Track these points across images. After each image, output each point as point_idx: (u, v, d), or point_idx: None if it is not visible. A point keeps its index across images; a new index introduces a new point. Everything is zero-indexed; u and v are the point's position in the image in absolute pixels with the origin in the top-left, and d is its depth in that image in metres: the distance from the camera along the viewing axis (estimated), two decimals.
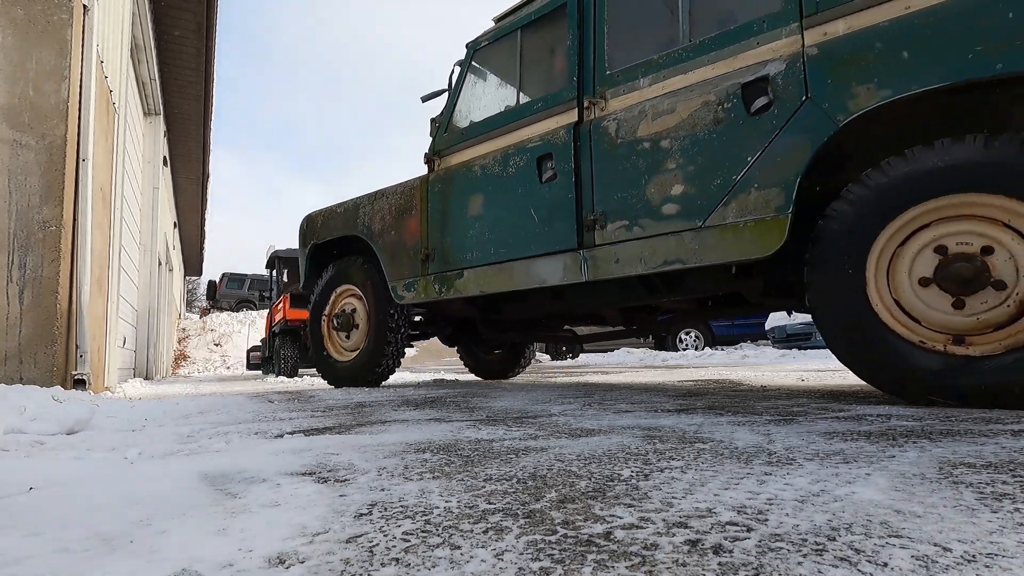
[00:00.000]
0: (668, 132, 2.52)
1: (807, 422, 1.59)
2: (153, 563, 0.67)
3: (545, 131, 2.96)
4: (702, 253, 2.40)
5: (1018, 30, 1.76)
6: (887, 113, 2.04)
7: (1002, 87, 1.90)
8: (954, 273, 1.85)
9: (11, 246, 3.36)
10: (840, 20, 2.14)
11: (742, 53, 2.38)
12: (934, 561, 0.60)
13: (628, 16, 2.82)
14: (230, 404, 2.99)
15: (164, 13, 6.82)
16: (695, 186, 2.43)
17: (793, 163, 2.17)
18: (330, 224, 4.14)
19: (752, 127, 2.30)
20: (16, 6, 3.47)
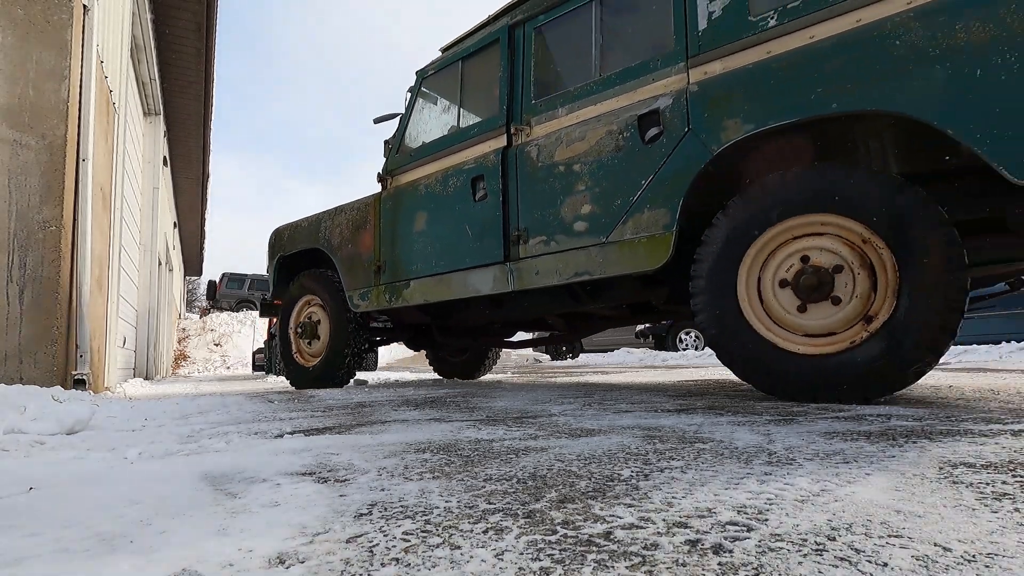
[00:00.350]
0: (579, 157, 2.81)
1: (807, 422, 1.59)
2: (153, 563, 0.67)
3: (479, 155, 3.24)
4: (605, 266, 2.68)
5: (848, 77, 2.08)
6: (757, 142, 2.33)
7: (841, 122, 2.20)
8: (805, 281, 2.14)
9: (11, 246, 3.36)
10: (717, 61, 2.43)
11: (640, 88, 2.65)
12: (934, 561, 0.60)
13: (551, 51, 3.12)
14: (230, 404, 2.99)
15: (164, 13, 6.82)
16: (600, 206, 2.72)
17: (677, 186, 2.46)
18: (295, 237, 4.42)
19: (646, 154, 2.58)
20: (16, 6, 3.47)
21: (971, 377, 3.08)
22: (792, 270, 2.20)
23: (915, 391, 2.44)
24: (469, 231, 3.23)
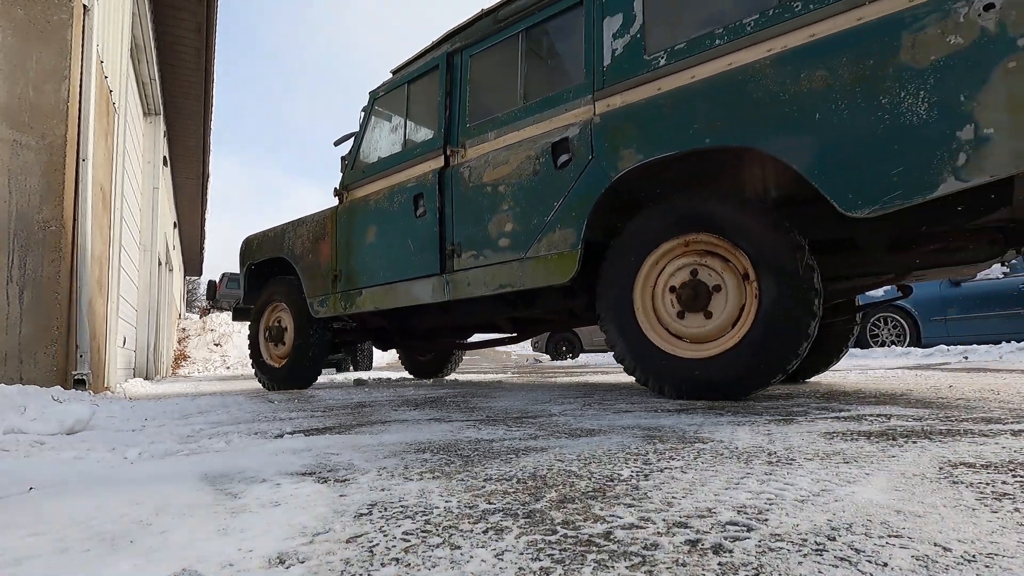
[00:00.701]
0: (504, 179, 3.05)
1: (807, 422, 1.59)
2: (153, 563, 0.68)
3: (420, 174, 3.48)
4: (524, 279, 2.93)
5: (718, 115, 2.34)
6: (650, 169, 2.57)
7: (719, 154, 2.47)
8: (691, 293, 2.42)
9: (11, 246, 3.36)
10: (618, 95, 2.66)
11: (555, 117, 2.88)
12: (934, 561, 0.61)
13: (485, 78, 3.36)
14: (230, 404, 2.99)
15: (164, 13, 6.82)
16: (520, 224, 2.96)
17: (583, 209, 2.69)
18: (263, 247, 4.69)
19: (558, 179, 2.82)
20: (16, 6, 3.47)
21: (971, 377, 3.08)
22: (678, 281, 2.49)
23: (915, 391, 2.44)
24: (411, 245, 3.49)
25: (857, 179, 2.07)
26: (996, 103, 1.88)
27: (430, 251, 3.36)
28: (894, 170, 2.01)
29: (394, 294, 3.58)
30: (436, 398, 2.91)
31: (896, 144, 2.01)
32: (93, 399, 3.30)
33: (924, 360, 5.14)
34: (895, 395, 2.27)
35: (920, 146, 1.98)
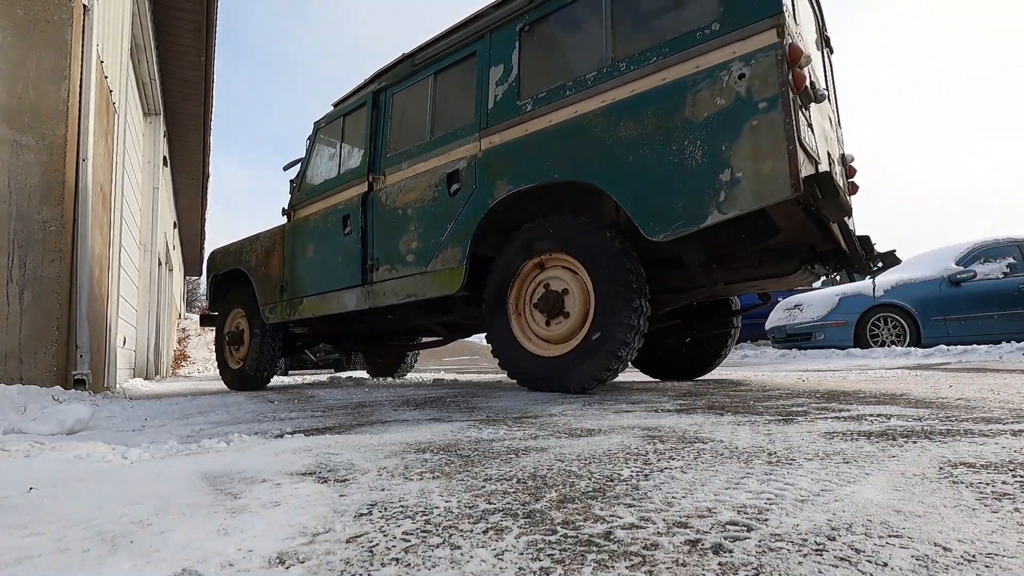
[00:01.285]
0: (411, 203, 3.51)
1: (807, 422, 1.59)
2: (153, 563, 0.68)
3: (349, 197, 3.95)
4: (425, 290, 3.35)
5: (564, 154, 2.79)
6: (520, 198, 3.00)
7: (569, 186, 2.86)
8: (546, 301, 2.84)
9: (11, 246, 3.35)
10: (497, 134, 3.09)
11: (451, 151, 3.33)
12: (934, 561, 0.61)
13: (403, 114, 3.80)
14: (230, 404, 2.99)
15: (164, 13, 6.82)
16: (423, 243, 3.39)
17: (468, 231, 3.12)
18: (225, 260, 5.17)
19: (451, 204, 3.25)
20: (16, 6, 3.47)
21: (971, 377, 3.08)
22: (538, 295, 2.92)
23: (915, 391, 2.44)
24: (341, 260, 3.93)
25: (655, 209, 2.50)
26: (744, 153, 2.30)
27: (355, 265, 3.80)
28: (680, 203, 2.45)
29: (327, 302, 4.01)
30: (436, 398, 2.91)
31: (682, 182, 2.45)
32: (93, 399, 3.30)
33: (924, 360, 5.14)
34: (895, 395, 2.27)
35: (696, 185, 2.41)
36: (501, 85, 3.18)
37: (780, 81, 2.24)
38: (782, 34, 2.27)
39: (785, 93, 2.23)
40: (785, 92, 2.23)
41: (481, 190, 3.09)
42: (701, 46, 2.46)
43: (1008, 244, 6.73)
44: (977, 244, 6.83)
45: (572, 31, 2.96)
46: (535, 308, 2.91)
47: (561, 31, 3.02)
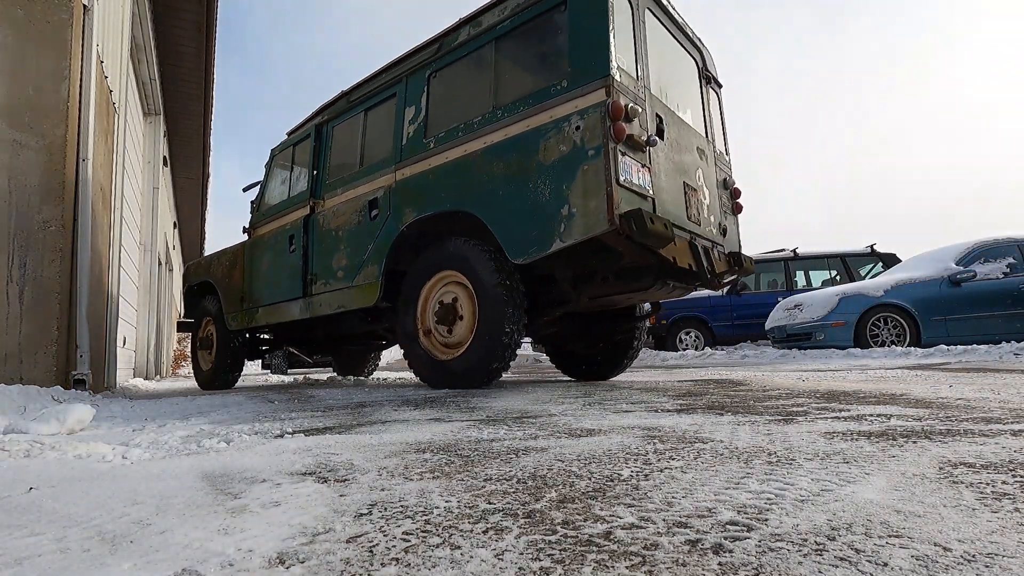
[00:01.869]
0: (342, 226, 4.00)
1: (807, 422, 1.60)
2: (153, 563, 0.68)
3: (295, 219, 4.46)
4: (351, 302, 3.82)
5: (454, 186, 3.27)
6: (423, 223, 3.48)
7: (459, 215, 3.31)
8: (443, 313, 3.31)
9: (11, 246, 3.35)
10: (408, 168, 3.60)
11: (374, 181, 3.82)
12: (934, 561, 0.61)
13: (340, 145, 4.30)
14: (230, 404, 2.99)
15: (164, 13, 6.82)
16: (350, 260, 3.88)
17: (383, 251, 3.61)
18: (197, 272, 5.72)
19: (372, 227, 3.75)
20: (16, 6, 3.47)
21: (971, 377, 3.08)
22: (437, 307, 3.36)
23: (915, 391, 2.44)
24: (287, 274, 4.42)
25: (516, 237, 2.96)
26: (578, 192, 2.75)
27: (298, 279, 4.30)
28: (534, 232, 2.90)
29: (278, 311, 4.49)
30: (436, 398, 2.91)
31: (535, 215, 2.90)
32: (93, 399, 3.30)
33: (924, 360, 5.14)
34: (895, 395, 2.27)
35: (545, 217, 2.86)
36: (413, 124, 3.67)
37: (603, 133, 2.69)
38: (609, 93, 2.71)
39: (607, 143, 2.68)
40: (606, 142, 2.68)
41: (393, 216, 3.61)
42: (554, 99, 2.92)
43: (1008, 244, 6.73)
44: (977, 244, 6.83)
45: (467, 80, 3.45)
46: (435, 318, 3.38)
47: (459, 80, 3.51)
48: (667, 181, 3.08)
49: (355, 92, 4.18)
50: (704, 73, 3.89)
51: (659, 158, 3.04)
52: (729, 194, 3.87)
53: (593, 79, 2.77)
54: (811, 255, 9.50)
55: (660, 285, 3.31)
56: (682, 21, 3.63)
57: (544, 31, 3.07)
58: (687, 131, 3.44)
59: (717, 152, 3.85)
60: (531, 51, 3.18)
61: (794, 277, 9.38)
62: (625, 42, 2.96)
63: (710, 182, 3.60)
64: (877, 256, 9.25)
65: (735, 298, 9.23)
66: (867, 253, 9.29)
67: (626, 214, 2.64)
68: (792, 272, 9.38)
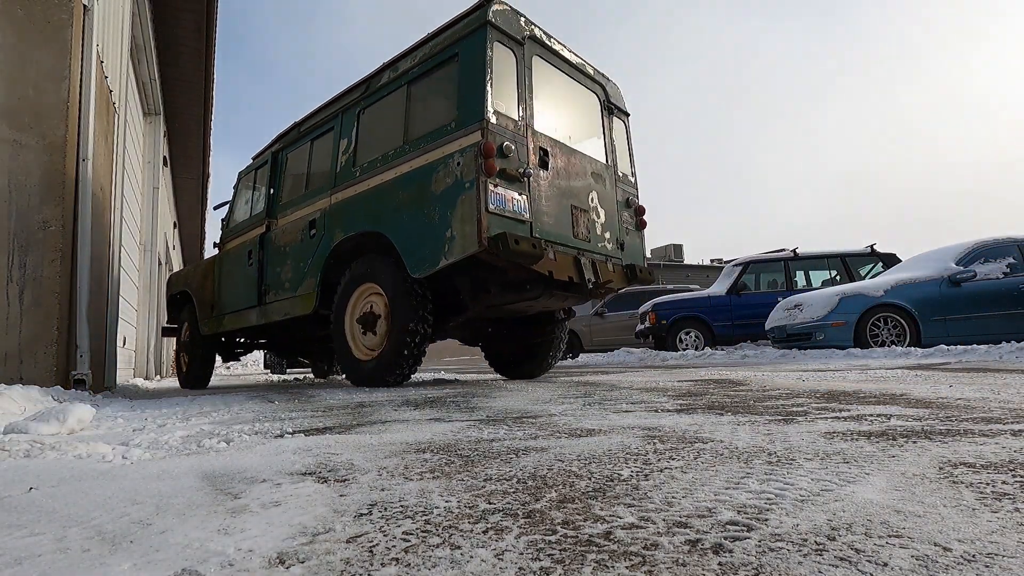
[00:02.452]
0: (289, 243, 4.52)
1: (807, 422, 1.60)
2: (153, 563, 0.68)
3: (253, 236, 4.99)
4: (293, 310, 4.33)
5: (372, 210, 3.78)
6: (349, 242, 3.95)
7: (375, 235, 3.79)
8: (365, 320, 3.81)
9: (11, 246, 3.35)
10: (340, 192, 4.10)
11: (314, 203, 4.34)
12: (934, 561, 0.61)
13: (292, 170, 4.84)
14: (231, 404, 2.99)
15: (164, 13, 6.82)
16: (294, 273, 4.39)
17: (319, 265, 4.11)
18: (177, 282, 6.28)
19: (311, 245, 4.25)
20: (16, 6, 3.47)
21: (971, 377, 3.08)
22: (361, 312, 3.86)
23: (915, 391, 2.44)
24: (247, 285, 4.93)
25: (415, 255, 3.42)
26: (458, 218, 3.21)
27: (254, 290, 4.80)
28: (427, 251, 3.35)
29: (240, 318, 4.99)
30: (436, 398, 2.91)
31: (428, 236, 3.36)
32: (93, 399, 3.30)
33: (924, 360, 5.14)
34: (895, 395, 2.27)
35: (435, 239, 3.31)
36: (345, 154, 4.18)
37: (476, 169, 3.17)
38: (484, 135, 3.18)
39: (479, 177, 3.15)
40: (479, 177, 3.15)
41: (327, 235, 4.10)
42: (445, 138, 3.39)
43: (1008, 244, 6.73)
44: (977, 244, 6.82)
45: (386, 118, 3.94)
46: (359, 324, 3.85)
47: (380, 117, 4.00)
48: (550, 205, 3.57)
49: (305, 123, 4.76)
50: (607, 105, 4.37)
51: (541, 185, 3.52)
52: (633, 212, 4.35)
53: (472, 122, 3.27)
54: (811, 255, 9.50)
55: (548, 295, 3.75)
56: (579, 62, 4.14)
57: (442, 79, 3.59)
58: (580, 159, 3.91)
59: (620, 175, 4.32)
60: (433, 95, 3.67)
61: (794, 277, 9.37)
62: (506, 88, 3.45)
63: (608, 203, 4.09)
64: (877, 256, 9.25)
65: (735, 298, 9.22)
66: (867, 253, 9.29)
67: (494, 237, 3.10)
68: (792, 272, 9.37)
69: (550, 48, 3.83)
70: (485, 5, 3.42)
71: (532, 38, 3.68)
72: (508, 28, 3.48)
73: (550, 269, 3.41)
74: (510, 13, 3.55)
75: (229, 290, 5.19)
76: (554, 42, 3.90)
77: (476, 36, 3.38)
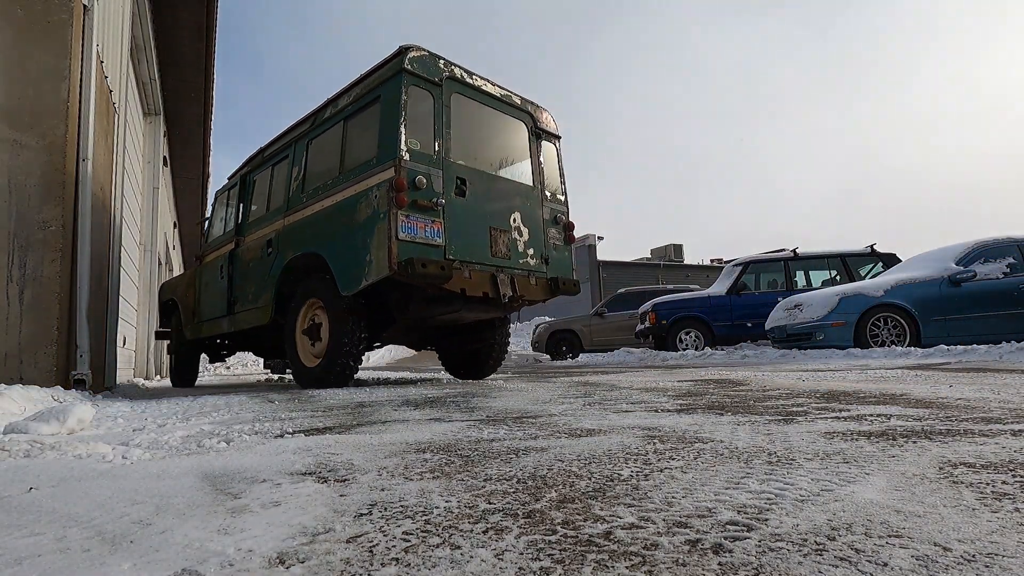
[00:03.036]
0: (251, 260, 4.95)
1: (807, 422, 1.60)
2: (153, 563, 0.68)
3: (225, 251, 5.46)
4: (255, 320, 4.76)
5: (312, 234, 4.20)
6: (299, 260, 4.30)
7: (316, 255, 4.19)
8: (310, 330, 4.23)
9: (11, 246, 3.35)
10: (292, 216, 4.47)
11: (272, 224, 4.74)
12: (934, 561, 0.61)
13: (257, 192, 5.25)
14: (232, 404, 2.99)
15: (164, 13, 6.82)
16: (255, 287, 4.81)
17: (274, 280, 4.52)
18: (166, 291, 6.87)
19: (268, 262, 4.66)
20: (16, 6, 3.47)
21: (971, 377, 3.08)
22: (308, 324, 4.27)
23: (915, 391, 2.44)
24: (220, 296, 5.38)
25: (344, 275, 3.80)
26: (375, 244, 3.61)
27: (225, 300, 5.26)
28: (353, 272, 3.74)
29: (214, 326, 5.47)
30: (436, 398, 2.91)
31: (353, 260, 3.75)
32: (93, 399, 3.30)
33: (924, 360, 5.14)
34: (895, 395, 2.27)
35: (358, 261, 3.71)
36: (296, 181, 4.58)
37: (388, 201, 3.57)
38: (397, 171, 3.58)
39: (391, 209, 3.55)
40: (390, 208, 3.55)
41: (280, 255, 4.50)
42: (369, 172, 3.77)
43: (1008, 244, 6.73)
44: (977, 244, 6.82)
45: (328, 149, 4.33)
46: (304, 335, 4.26)
47: (324, 148, 4.39)
48: (468, 228, 3.95)
49: (268, 149, 5.21)
50: (535, 131, 4.72)
51: (457, 212, 3.89)
52: (562, 228, 4.73)
53: (387, 160, 3.65)
54: (811, 255, 9.49)
55: (468, 308, 4.12)
56: (504, 93, 4.50)
57: (369, 117, 3.97)
58: (502, 184, 4.29)
59: (548, 195, 4.69)
60: (363, 131, 4.04)
61: (794, 277, 9.37)
62: (423, 126, 3.83)
63: (532, 221, 4.45)
64: (877, 256, 9.25)
65: (735, 298, 9.22)
66: (867, 253, 9.29)
67: (403, 261, 3.50)
68: (792, 272, 9.37)
69: (471, 85, 4.22)
70: (402, 53, 3.83)
71: (451, 78, 4.08)
72: (424, 72, 3.88)
73: (463, 287, 3.82)
74: (428, 58, 3.94)
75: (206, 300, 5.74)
76: (475, 79, 4.28)
77: (393, 81, 3.79)
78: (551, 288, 4.47)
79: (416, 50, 3.88)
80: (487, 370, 5.18)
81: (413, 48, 3.87)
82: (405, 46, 3.88)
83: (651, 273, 29.14)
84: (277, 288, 4.45)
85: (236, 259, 5.19)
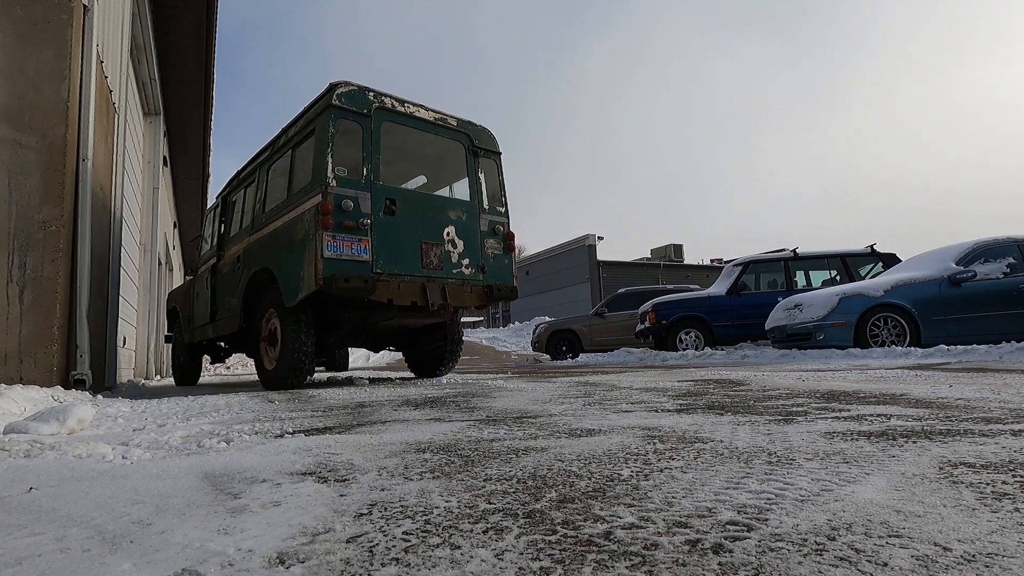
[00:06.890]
0: (228, 272, 5.40)
1: (807, 422, 1.59)
2: (153, 563, 0.68)
3: (209, 265, 5.98)
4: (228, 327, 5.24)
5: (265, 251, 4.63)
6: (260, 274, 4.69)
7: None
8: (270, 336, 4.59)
9: (11, 246, 3.35)
10: (257, 234, 4.83)
11: (241, 242, 5.13)
12: (934, 561, 0.61)
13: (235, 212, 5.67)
14: (232, 404, 2.99)
15: (164, 13, 6.82)
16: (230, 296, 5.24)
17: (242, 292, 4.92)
18: (171, 299, 7.53)
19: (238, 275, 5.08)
20: (16, 6, 3.47)
21: (971, 377, 3.08)
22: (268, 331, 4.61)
23: (915, 391, 2.44)
24: (206, 304, 5.89)
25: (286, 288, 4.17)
26: (306, 261, 3.97)
27: (209, 308, 5.76)
28: (293, 286, 4.10)
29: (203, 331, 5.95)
30: (436, 398, 2.91)
31: (292, 274, 4.13)
32: (93, 399, 3.30)
33: (924, 360, 5.14)
34: (895, 395, 2.27)
35: (296, 277, 4.09)
36: (259, 203, 4.96)
37: (315, 224, 3.94)
38: (324, 196, 3.95)
39: (317, 231, 3.92)
40: (317, 230, 3.92)
41: (246, 269, 4.89)
42: (304, 197, 4.16)
43: (1008, 244, 6.73)
44: (977, 244, 6.82)
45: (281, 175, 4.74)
46: (264, 341, 4.64)
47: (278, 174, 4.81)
48: (397, 243, 4.28)
49: (242, 173, 5.66)
50: (472, 149, 5.01)
51: (385, 229, 4.22)
52: (501, 238, 5.03)
53: (318, 186, 4.03)
54: (811, 255, 9.50)
55: (404, 315, 4.50)
56: (438, 117, 4.79)
57: (308, 147, 4.35)
58: (435, 201, 4.69)
59: (487, 208, 4.98)
60: (304, 159, 4.42)
61: (794, 277, 9.37)
62: (352, 154, 4.18)
63: (468, 233, 4.75)
64: (877, 256, 9.25)
65: (735, 298, 9.22)
66: (867, 253, 9.29)
67: (327, 277, 3.86)
68: (792, 272, 9.37)
69: (402, 112, 4.55)
70: (331, 91, 4.19)
71: (380, 108, 4.41)
72: (352, 105, 4.22)
73: (389, 297, 4.16)
74: (356, 91, 4.27)
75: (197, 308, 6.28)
76: (407, 106, 4.60)
77: (323, 116, 4.16)
78: (487, 294, 4.78)
79: (344, 86, 4.24)
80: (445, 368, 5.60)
81: (341, 84, 4.23)
82: (334, 83, 4.24)
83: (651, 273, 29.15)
84: (244, 298, 4.89)
85: (217, 272, 5.73)
